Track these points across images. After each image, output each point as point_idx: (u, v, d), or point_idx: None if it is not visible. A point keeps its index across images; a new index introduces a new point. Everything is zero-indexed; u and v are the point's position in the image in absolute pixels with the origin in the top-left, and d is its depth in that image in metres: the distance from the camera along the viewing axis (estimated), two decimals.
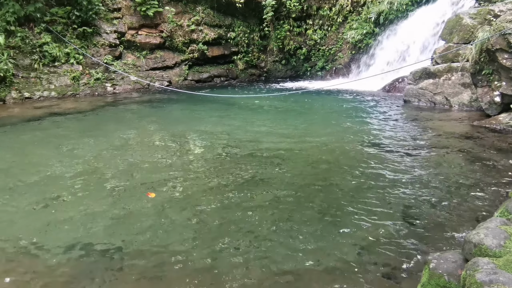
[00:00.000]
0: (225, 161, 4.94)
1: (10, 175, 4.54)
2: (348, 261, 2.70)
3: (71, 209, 3.59)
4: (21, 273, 2.63)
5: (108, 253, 2.85)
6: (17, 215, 3.49)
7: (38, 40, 10.89)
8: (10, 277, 2.59)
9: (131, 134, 6.56)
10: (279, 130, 6.69)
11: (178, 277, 2.55)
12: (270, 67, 16.20)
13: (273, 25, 15.27)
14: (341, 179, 4.25)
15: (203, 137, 6.27)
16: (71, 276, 2.58)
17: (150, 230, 3.18)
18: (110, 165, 4.84)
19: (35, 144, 6.03)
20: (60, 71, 11.27)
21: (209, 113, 8.62)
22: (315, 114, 8.51)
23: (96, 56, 11.97)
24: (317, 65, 15.54)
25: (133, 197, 3.83)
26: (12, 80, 10.14)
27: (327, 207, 3.56)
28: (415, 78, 9.01)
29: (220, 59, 15.35)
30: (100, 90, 11.82)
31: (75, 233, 3.16)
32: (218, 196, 3.85)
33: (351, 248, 2.87)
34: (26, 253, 2.88)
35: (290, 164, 4.78)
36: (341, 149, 5.37)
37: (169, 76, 13.84)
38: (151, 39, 13.44)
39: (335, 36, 14.96)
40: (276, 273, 2.58)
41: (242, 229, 3.19)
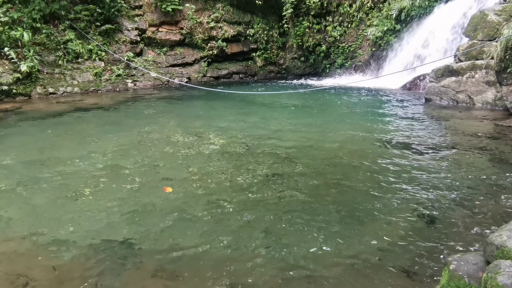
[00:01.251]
0: (243, 157, 4.98)
1: (35, 167, 4.69)
2: (366, 259, 2.69)
3: (92, 202, 3.69)
4: (43, 262, 2.73)
5: (126, 246, 2.93)
6: (40, 207, 3.62)
7: (62, 37, 11.17)
8: (32, 265, 2.69)
9: (151, 129, 6.68)
10: (297, 127, 6.67)
11: (195, 271, 2.59)
12: (288, 64, 16.14)
13: (292, 22, 15.20)
14: (359, 177, 4.22)
15: (221, 133, 6.32)
16: (90, 267, 2.67)
17: (167, 224, 3.24)
18: (130, 160, 4.95)
19: (59, 138, 6.21)
20: (83, 67, 11.54)
21: (228, 110, 8.68)
22: (333, 112, 8.45)
23: (118, 53, 12.20)
24: (336, 62, 15.39)
25: (151, 192, 3.91)
26: (37, 76, 10.45)
27: (345, 205, 3.55)
28: (437, 75, 8.82)
29: (239, 56, 15.39)
30: (121, 86, 12.05)
31: (95, 225, 3.25)
32: (235, 192, 3.89)
33: (369, 246, 2.86)
34: (49, 243, 2.99)
35: (308, 161, 4.77)
36: (360, 147, 5.32)
37: (189, 73, 13.98)
38: (171, 36, 13.59)
39: (355, 33, 14.78)
40: (292, 269, 2.60)
41: (258, 225, 3.21)
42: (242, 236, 3.05)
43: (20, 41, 10.01)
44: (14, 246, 2.96)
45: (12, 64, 9.84)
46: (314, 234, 3.05)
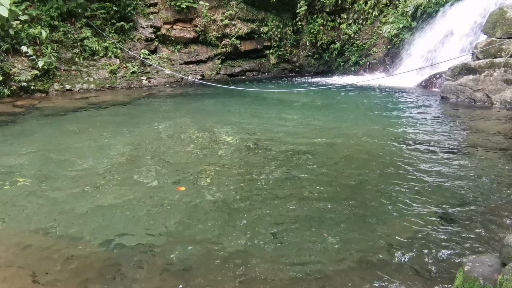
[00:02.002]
0: (256, 155, 4.99)
1: (53, 163, 4.80)
2: (380, 257, 2.68)
3: (107, 198, 3.75)
4: (59, 255, 2.80)
5: (140, 241, 2.97)
6: (57, 201, 3.70)
7: (79, 35, 11.35)
8: (49, 259, 2.76)
9: (165, 126, 6.75)
10: (310, 125, 6.65)
11: (207, 268, 2.62)
12: (302, 62, 16.07)
13: (306, 20, 15.12)
14: (373, 176, 4.19)
15: (234, 130, 6.35)
16: (105, 261, 2.72)
17: (179, 220, 3.28)
18: (144, 156, 5.01)
19: (75, 134, 6.32)
20: (99, 65, 11.71)
21: (241, 107, 8.70)
22: (347, 110, 8.39)
23: (133, 50, 12.34)
24: (350, 60, 15.25)
25: (164, 188, 3.96)
26: (55, 73, 10.65)
27: (358, 203, 3.53)
28: (454, 74, 8.67)
29: (252, 53, 15.39)
30: (136, 83, 12.19)
31: (110, 220, 3.31)
32: (248, 189, 3.90)
33: (383, 244, 2.84)
34: (64, 236, 3.05)
35: (321, 159, 4.76)
36: (373, 146, 5.28)
37: (202, 70, 14.05)
38: (186, 33, 13.67)
39: (370, 30, 14.61)
40: (305, 266, 2.61)
41: (271, 222, 3.23)
42: (254, 233, 3.06)
43: (38, 39, 10.23)
44: (31, 238, 3.04)
45: (31, 61, 10.06)
46: (326, 232, 3.04)
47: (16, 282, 2.50)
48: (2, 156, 5.06)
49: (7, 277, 2.55)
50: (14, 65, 9.83)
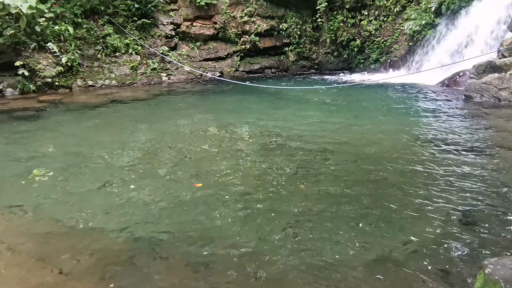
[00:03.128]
0: (273, 152, 5.00)
1: (74, 157, 4.93)
2: (396, 259, 2.65)
3: (126, 193, 3.83)
4: (79, 248, 2.89)
5: (157, 236, 3.02)
6: (78, 194, 3.81)
7: (101, 32, 11.59)
8: (72, 251, 2.85)
9: (184, 122, 6.83)
10: (329, 123, 6.61)
11: (224, 264, 2.65)
12: (321, 59, 15.93)
13: (326, 16, 14.97)
14: (391, 175, 4.14)
15: (252, 127, 6.37)
16: (123, 254, 2.79)
17: (196, 217, 3.31)
18: (163, 152, 5.09)
19: (97, 129, 6.48)
20: (120, 61, 11.93)
21: (259, 104, 8.71)
22: (367, 108, 8.29)
23: (153, 47, 12.51)
24: (370, 57, 15.02)
25: (182, 184, 4.01)
26: (78, 69, 10.91)
27: (376, 202, 3.50)
28: (478, 72, 8.43)
29: (271, 50, 15.36)
30: (156, 80, 12.36)
31: (129, 214, 3.38)
32: (265, 186, 3.92)
33: (400, 245, 2.81)
34: (84, 229, 3.14)
35: (338, 157, 4.73)
36: (393, 145, 5.20)
37: (221, 67, 14.12)
38: (205, 30, 13.76)
39: (391, 27, 14.34)
40: (320, 266, 2.60)
41: (288, 219, 3.23)
42: (271, 230, 3.08)
43: (63, 36, 10.49)
44: (53, 230, 3.14)
45: (55, 57, 10.33)
46: (344, 231, 3.03)
47: (40, 272, 2.60)
48: (28, 150, 5.23)
49: (32, 267, 2.65)
50: (39, 61, 10.12)
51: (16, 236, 3.05)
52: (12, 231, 3.12)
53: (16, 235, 3.06)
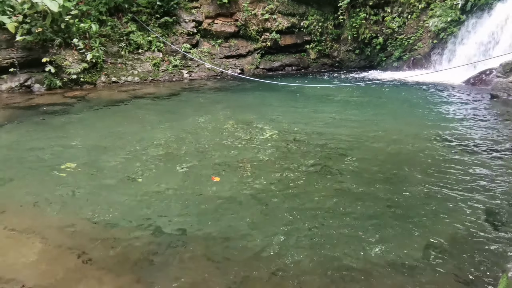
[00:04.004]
0: (292, 150, 5.00)
1: (98, 151, 5.07)
2: (416, 259, 2.62)
3: (147, 187, 3.92)
4: (104, 239, 2.98)
5: (176, 230, 3.08)
6: (101, 187, 3.92)
7: (125, 29, 11.81)
8: (95, 242, 2.94)
9: (204, 118, 6.90)
10: (349, 121, 6.55)
11: (240, 260, 2.68)
12: (342, 57, 15.74)
13: (348, 13, 14.76)
14: (413, 175, 4.07)
15: (271, 124, 6.38)
16: (144, 248, 2.86)
17: (215, 213, 3.36)
18: (183, 147, 5.17)
19: (120, 124, 6.63)
20: (143, 58, 12.13)
21: (279, 102, 8.71)
22: (388, 107, 8.15)
23: (175, 44, 12.66)
24: (393, 55, 14.73)
25: (201, 180, 4.07)
26: (102, 66, 11.17)
27: (396, 202, 3.46)
28: (506, 70, 8.16)
29: (292, 48, 15.29)
30: (177, 76, 12.52)
31: (149, 208, 3.46)
32: (283, 183, 3.93)
33: (420, 246, 2.77)
34: (106, 221, 3.24)
35: (358, 156, 4.68)
36: (415, 145, 5.11)
37: (242, 64, 14.16)
38: (226, 27, 13.83)
39: (415, 24, 14.02)
40: (337, 264, 2.60)
41: (306, 217, 3.24)
42: (289, 227, 3.09)
43: (88, 33, 10.75)
44: (78, 221, 3.25)
45: (81, 54, 10.60)
46: (363, 230, 3.01)
47: (65, 261, 2.70)
48: (54, 144, 5.41)
49: (58, 257, 2.75)
50: (65, 58, 10.41)
51: (43, 226, 3.17)
52: (39, 222, 3.24)
53: (43, 226, 3.18)
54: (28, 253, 2.77)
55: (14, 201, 3.62)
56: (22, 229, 3.10)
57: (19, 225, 3.17)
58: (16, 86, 9.89)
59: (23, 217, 3.33)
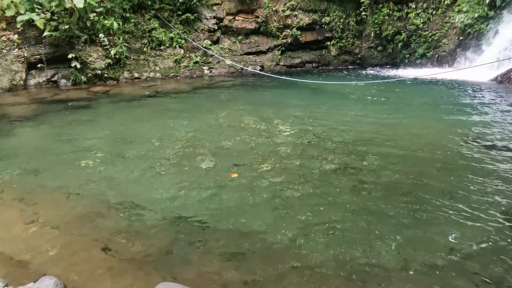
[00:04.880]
0: (311, 147, 4.98)
1: (122, 145, 5.19)
2: (439, 264, 2.56)
3: (168, 181, 3.99)
4: (125, 230, 3.06)
5: (196, 225, 3.13)
6: (123, 180, 4.01)
7: (147, 26, 12.00)
8: (117, 232, 3.03)
9: (224, 115, 6.95)
10: (370, 119, 6.46)
11: (258, 255, 2.70)
12: (364, 54, 15.53)
13: (371, 9, 14.54)
14: (436, 174, 4.00)
15: (291, 122, 6.37)
16: (163, 239, 2.92)
17: (233, 208, 3.39)
18: (203, 143, 5.23)
19: (143, 118, 6.76)
20: (165, 54, 12.30)
21: (299, 99, 8.68)
22: (410, 105, 8.00)
23: (196, 41, 12.78)
24: (417, 52, 14.42)
25: (220, 175, 4.11)
26: (125, 62, 11.39)
27: (419, 202, 3.40)
28: None
29: (312, 44, 15.19)
30: (198, 73, 12.64)
31: (169, 201, 3.53)
32: (301, 181, 3.92)
33: (443, 250, 2.70)
34: (129, 213, 3.32)
35: (379, 156, 4.62)
36: (438, 144, 5.01)
37: (262, 61, 14.16)
38: (247, 24, 13.85)
39: (440, 20, 13.67)
40: (355, 265, 2.58)
41: (324, 215, 3.23)
42: (306, 224, 3.09)
43: (112, 30, 10.98)
44: (101, 212, 3.35)
45: (105, 50, 10.84)
46: (383, 231, 2.98)
47: (88, 250, 2.79)
48: (80, 137, 5.57)
49: (82, 246, 2.85)
50: (90, 54, 10.67)
51: (69, 217, 3.28)
52: (65, 213, 3.36)
53: (68, 217, 3.29)
54: (53, 243, 2.87)
55: (42, 192, 3.76)
56: (46, 220, 3.21)
57: (43, 215, 3.29)
58: (44, 81, 10.21)
59: (49, 209, 3.45)
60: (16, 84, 9.59)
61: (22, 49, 9.75)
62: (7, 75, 9.49)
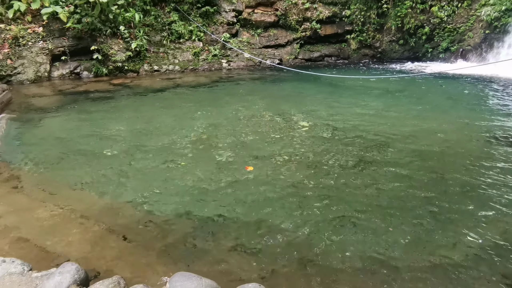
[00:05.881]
0: (329, 142, 4.95)
1: (140, 136, 5.28)
2: (459, 262, 2.52)
3: (185, 172, 4.05)
4: (143, 221, 3.13)
5: (212, 218, 3.17)
6: (140, 171, 4.09)
7: (167, 19, 12.10)
8: (135, 223, 3.10)
9: (241, 108, 6.97)
10: (389, 115, 6.36)
11: (273, 249, 2.72)
12: (385, 47, 15.22)
13: (393, 2, 14.20)
14: (456, 173, 3.92)
15: (308, 116, 6.34)
16: (180, 231, 2.98)
17: (248, 201, 3.42)
18: (220, 136, 5.27)
19: (161, 111, 6.85)
20: (184, 47, 12.39)
21: (317, 93, 8.61)
22: (432, 100, 7.82)
23: (215, 34, 12.80)
24: (440, 46, 14.03)
25: (236, 168, 4.14)
26: (145, 55, 11.53)
27: (437, 200, 3.35)
28: None
29: (332, 38, 14.99)
30: (216, 66, 12.68)
31: (186, 193, 3.58)
32: (319, 175, 3.91)
33: (464, 248, 2.66)
34: (146, 203, 3.39)
35: (398, 151, 4.56)
36: (460, 142, 4.90)
37: (280, 54, 14.09)
38: (266, 17, 13.78)
39: (465, 13, 13.25)
40: (372, 261, 2.57)
41: (341, 211, 3.22)
42: (321, 220, 3.09)
43: (133, 22, 11.12)
44: (120, 204, 3.43)
45: (126, 43, 11.00)
46: (399, 227, 2.95)
47: (108, 240, 2.87)
48: (101, 128, 5.70)
49: (102, 235, 2.93)
50: (111, 46, 10.84)
51: (89, 208, 3.38)
52: (86, 203, 3.46)
53: (89, 207, 3.39)
54: (75, 232, 2.97)
55: (64, 182, 3.88)
56: (68, 208, 3.32)
57: (66, 204, 3.40)
58: (67, 73, 10.45)
59: (71, 198, 3.56)
60: (40, 76, 9.86)
61: (47, 42, 10.00)
62: (32, 66, 9.76)
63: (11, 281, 2.13)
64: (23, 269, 2.23)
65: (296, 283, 2.37)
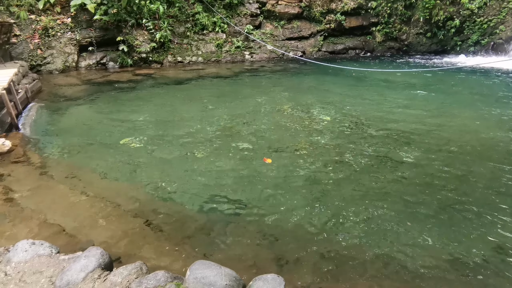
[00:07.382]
0: (351, 136, 4.90)
1: (163, 127, 5.38)
2: (481, 262, 2.48)
3: (205, 163, 4.11)
4: (163, 210, 3.21)
5: (230, 207, 3.22)
6: (163, 160, 4.19)
7: (191, 10, 12.16)
8: (155, 211, 3.18)
9: (263, 100, 6.98)
10: (414, 109, 6.23)
11: (291, 239, 2.75)
12: (412, 40, 14.82)
13: None
14: (481, 170, 3.82)
15: (330, 109, 6.28)
16: (199, 222, 3.04)
17: (268, 193, 3.45)
18: (240, 127, 5.30)
19: (184, 102, 6.94)
20: (207, 39, 12.45)
21: (340, 86, 8.50)
22: (461, 95, 7.59)
23: (238, 25, 12.79)
24: (470, 39, 13.54)
25: (257, 159, 4.17)
26: (169, 46, 11.67)
27: (461, 197, 3.28)
28: None
29: (357, 30, 14.71)
30: (239, 58, 12.69)
31: (206, 185, 3.64)
32: (337, 170, 3.89)
33: (487, 247, 2.62)
34: (168, 192, 3.47)
35: (424, 145, 4.48)
36: (486, 138, 4.76)
37: (304, 47, 13.95)
38: (290, 9, 13.64)
39: (498, 5, 12.71)
40: (392, 258, 2.56)
41: (361, 205, 3.20)
42: (341, 213, 3.08)
43: (157, 14, 11.24)
44: (140, 191, 3.53)
45: (150, 34, 11.16)
46: (421, 225, 2.92)
47: (131, 224, 2.97)
48: (125, 118, 5.83)
49: (125, 221, 3.04)
50: (136, 37, 11.03)
51: (112, 193, 3.49)
52: (109, 189, 3.58)
53: (111, 193, 3.50)
54: (100, 217, 3.09)
55: (89, 170, 4.01)
56: (94, 195, 3.44)
57: (91, 191, 3.53)
58: (94, 64, 10.72)
59: (96, 185, 3.69)
60: (68, 66, 10.15)
61: (75, 32, 10.26)
62: (61, 57, 10.05)
63: (40, 262, 2.24)
64: (51, 251, 2.34)
65: (315, 275, 2.39)
